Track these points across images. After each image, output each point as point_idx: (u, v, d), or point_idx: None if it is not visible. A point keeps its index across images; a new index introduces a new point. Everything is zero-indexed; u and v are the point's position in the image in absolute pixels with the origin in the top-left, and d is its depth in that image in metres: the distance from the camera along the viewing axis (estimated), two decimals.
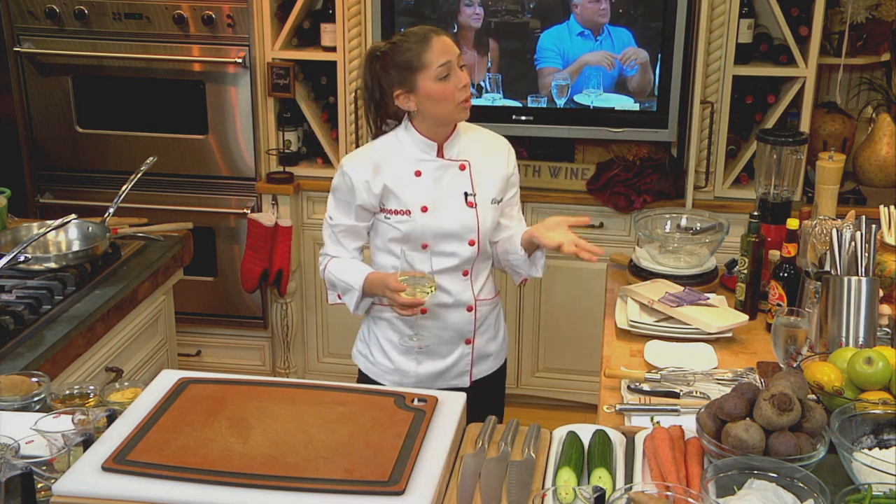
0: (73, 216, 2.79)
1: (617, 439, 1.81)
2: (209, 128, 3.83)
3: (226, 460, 1.63)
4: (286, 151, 3.87)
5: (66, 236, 2.96)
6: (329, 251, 2.47)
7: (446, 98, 2.29)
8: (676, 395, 2.13)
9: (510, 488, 1.66)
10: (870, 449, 1.75)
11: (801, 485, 1.58)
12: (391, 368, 2.50)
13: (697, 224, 2.92)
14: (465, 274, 2.45)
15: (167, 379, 1.93)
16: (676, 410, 2.04)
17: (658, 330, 2.49)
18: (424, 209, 2.36)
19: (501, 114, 3.61)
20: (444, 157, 2.40)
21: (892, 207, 2.59)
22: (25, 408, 1.96)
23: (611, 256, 3.05)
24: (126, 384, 2.01)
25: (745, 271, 2.57)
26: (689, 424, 1.82)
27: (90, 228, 2.94)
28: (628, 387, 2.18)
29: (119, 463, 1.63)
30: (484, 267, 2.50)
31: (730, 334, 2.47)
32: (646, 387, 2.17)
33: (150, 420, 1.76)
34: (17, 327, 2.39)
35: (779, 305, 2.45)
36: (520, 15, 3.54)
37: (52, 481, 1.61)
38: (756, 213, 2.62)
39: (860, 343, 2.11)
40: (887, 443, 1.76)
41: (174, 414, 1.78)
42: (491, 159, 2.46)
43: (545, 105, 3.62)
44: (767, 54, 3.62)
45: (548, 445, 1.80)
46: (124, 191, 3.01)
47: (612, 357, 2.39)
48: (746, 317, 2.51)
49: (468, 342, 2.50)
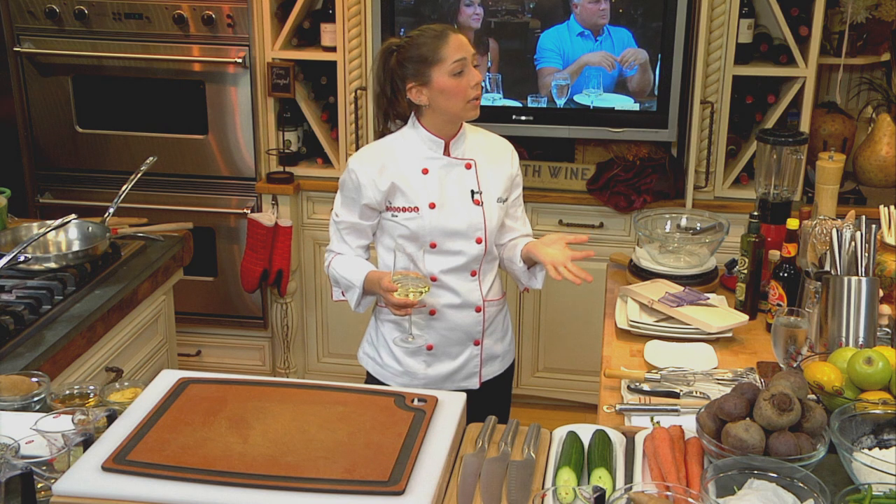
0: (73, 216, 2.79)
1: (617, 439, 1.81)
2: (209, 128, 3.83)
3: (226, 460, 1.63)
4: (286, 151, 3.87)
5: (66, 236, 2.96)
6: (334, 248, 2.49)
7: (459, 94, 2.32)
8: (676, 395, 2.13)
9: (510, 488, 1.66)
10: (870, 449, 1.75)
11: (801, 485, 1.58)
12: (400, 371, 2.51)
13: (697, 224, 2.92)
14: (473, 274, 2.46)
15: (167, 379, 1.93)
16: (676, 410, 2.04)
17: (658, 330, 2.49)
18: (432, 206, 2.38)
19: (501, 114, 3.61)
20: (451, 156, 2.42)
21: (892, 207, 2.59)
22: (25, 408, 1.96)
23: (611, 256, 3.05)
24: (126, 384, 2.01)
25: (745, 271, 2.57)
26: (689, 424, 1.82)
27: (90, 228, 2.94)
28: (628, 387, 2.18)
29: (119, 463, 1.63)
30: (491, 268, 2.51)
31: (730, 334, 2.47)
32: (646, 387, 2.17)
33: (150, 420, 1.76)
34: (17, 327, 2.39)
35: (779, 305, 2.45)
36: (520, 15, 3.54)
37: (52, 481, 1.61)
38: (756, 213, 2.62)
39: (860, 343, 2.11)
40: (887, 443, 1.76)
41: (174, 414, 1.78)
42: (495, 160, 2.48)
43: (545, 105, 3.62)
44: (767, 54, 3.62)
45: (548, 445, 1.80)
46: (124, 191, 3.01)
47: (612, 357, 2.39)
48: (746, 317, 2.51)
49: (477, 343, 2.51)
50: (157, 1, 3.69)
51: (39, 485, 1.63)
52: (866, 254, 2.15)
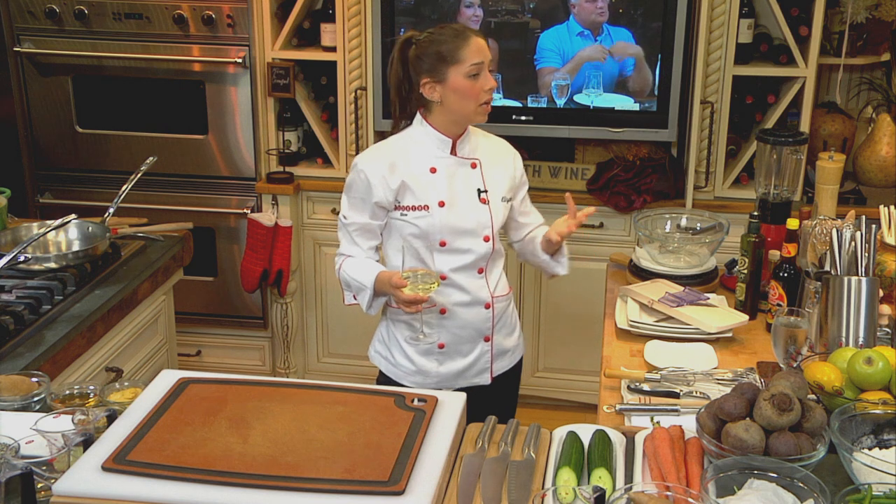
0: (73, 216, 2.79)
1: (617, 439, 1.81)
2: (209, 128, 3.83)
3: (226, 460, 1.63)
4: (286, 151, 3.87)
5: (66, 236, 2.96)
6: (345, 251, 2.49)
7: (472, 96, 2.35)
8: (676, 395, 2.13)
9: (510, 488, 1.66)
10: (870, 449, 1.75)
11: (801, 485, 1.58)
12: (413, 370, 2.52)
13: (697, 224, 2.92)
14: (481, 272, 2.48)
15: (167, 379, 1.93)
16: (676, 410, 2.04)
17: (658, 330, 2.49)
18: (442, 204, 2.40)
19: (501, 114, 3.61)
20: (458, 155, 2.45)
21: (892, 207, 2.59)
22: (25, 408, 1.96)
23: (611, 256, 3.05)
24: (126, 384, 2.01)
25: (745, 271, 2.57)
26: (689, 424, 1.82)
27: (90, 228, 2.94)
28: (628, 387, 2.18)
29: (119, 463, 1.63)
30: (497, 264, 2.54)
31: (730, 334, 2.47)
32: (646, 387, 2.17)
33: (150, 420, 1.76)
34: (17, 327, 2.39)
35: (779, 305, 2.45)
36: (520, 15, 3.54)
37: (52, 481, 1.61)
38: (756, 213, 2.62)
39: (860, 343, 2.11)
40: (887, 443, 1.76)
41: (174, 414, 1.78)
42: (498, 161, 2.52)
43: (545, 105, 3.62)
44: (767, 54, 3.62)
45: (548, 445, 1.80)
46: (124, 191, 3.01)
47: (612, 357, 2.39)
48: (746, 317, 2.51)
49: (487, 339, 2.53)
50: (157, 1, 3.69)
51: (39, 485, 1.63)
52: (866, 254, 2.15)
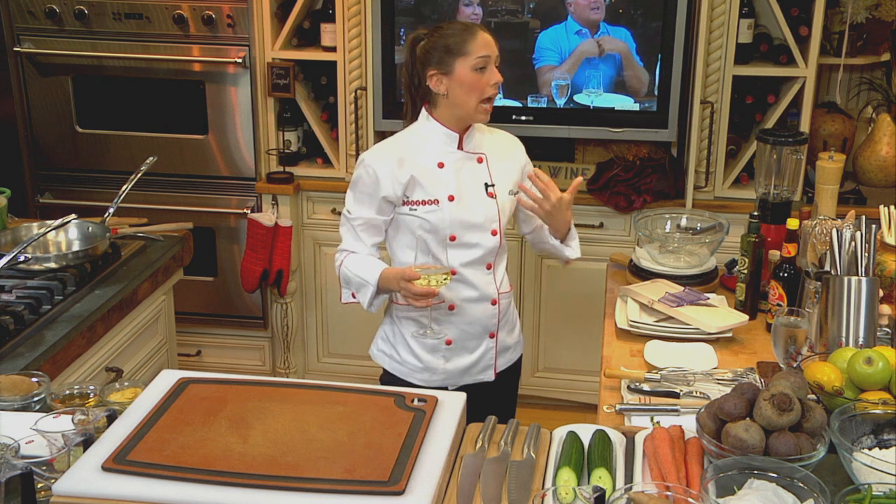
0: (73, 216, 2.79)
1: (617, 439, 1.81)
2: (209, 128, 3.83)
3: (226, 460, 1.63)
4: (286, 151, 3.87)
5: (66, 236, 2.96)
6: (347, 247, 2.49)
7: (477, 89, 2.37)
8: (676, 395, 2.13)
9: (510, 488, 1.66)
10: (870, 449, 1.75)
11: (801, 485, 1.58)
12: (419, 367, 2.53)
13: (697, 224, 2.92)
14: (489, 267, 2.50)
15: (167, 379, 1.93)
16: (676, 410, 2.04)
17: (658, 330, 2.49)
18: (451, 198, 2.41)
19: (501, 114, 3.61)
20: (464, 150, 2.46)
21: (892, 207, 2.59)
22: (25, 408, 1.96)
23: (611, 256, 3.05)
24: (126, 384, 2.01)
25: (745, 271, 2.57)
26: (689, 424, 1.82)
27: (90, 228, 2.94)
28: (628, 387, 2.18)
29: (119, 463, 1.63)
30: (502, 260, 2.56)
31: (730, 334, 2.47)
32: (646, 387, 2.17)
33: (150, 420, 1.76)
34: (17, 327, 2.39)
35: (779, 305, 2.45)
36: (519, 15, 3.54)
37: (52, 481, 1.61)
38: (756, 213, 2.62)
39: (860, 343, 2.11)
40: (887, 443, 1.76)
41: (174, 414, 1.78)
42: (504, 154, 2.54)
43: (545, 105, 3.62)
44: (767, 54, 3.62)
45: (548, 445, 1.80)
46: (124, 191, 3.01)
47: (612, 357, 2.39)
48: (746, 317, 2.51)
49: (492, 336, 2.54)
50: (157, 1, 3.69)
51: (39, 485, 1.63)
52: (866, 254, 2.15)
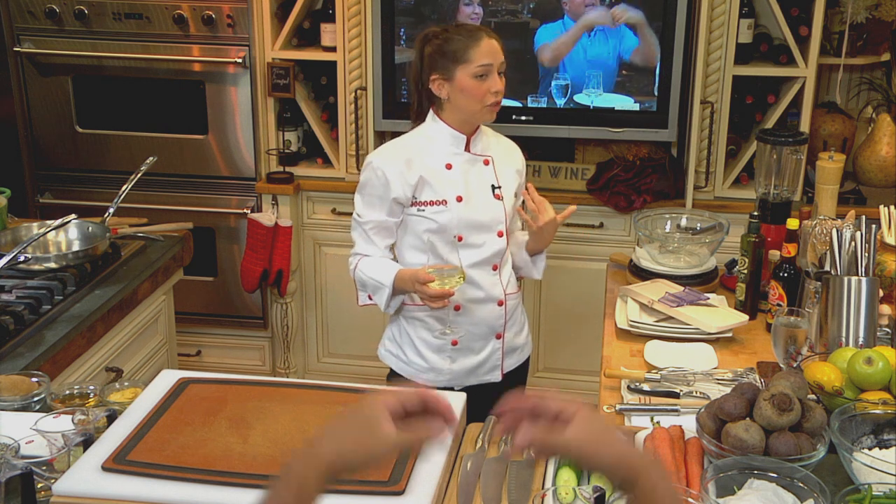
0: (73, 216, 2.79)
1: None
2: (209, 128, 3.83)
3: (226, 460, 1.63)
4: (286, 151, 3.87)
5: (66, 236, 2.96)
6: (360, 250, 2.49)
7: (477, 96, 2.37)
8: (676, 395, 2.12)
9: (510, 488, 1.66)
10: (870, 449, 1.75)
11: (801, 485, 1.58)
12: (425, 367, 2.53)
13: (697, 224, 2.92)
14: (495, 268, 2.51)
15: (167, 379, 1.93)
16: (676, 410, 2.04)
17: (658, 330, 2.49)
18: (459, 199, 2.43)
19: (501, 114, 3.53)
20: (471, 152, 2.48)
21: (892, 207, 2.59)
22: (25, 408, 1.96)
23: (611, 256, 3.05)
24: (126, 384, 2.01)
25: (745, 271, 2.57)
26: (689, 424, 1.82)
27: (90, 228, 2.94)
28: (628, 387, 2.18)
29: (119, 463, 1.63)
30: (507, 260, 2.56)
31: (730, 334, 2.47)
32: (646, 387, 2.17)
33: (150, 420, 1.76)
34: (17, 327, 2.39)
35: (779, 305, 2.45)
36: (519, 15, 3.54)
37: (52, 481, 1.61)
38: (756, 213, 2.62)
39: (860, 343, 2.11)
40: (887, 443, 1.76)
41: (174, 414, 1.78)
42: (508, 159, 2.56)
43: (545, 105, 3.61)
44: (767, 54, 3.62)
45: None
46: (124, 191, 3.01)
47: (612, 357, 2.39)
48: (746, 317, 2.51)
49: (499, 337, 2.55)
50: (157, 1, 3.69)
51: (39, 485, 1.63)
52: (866, 254, 2.15)
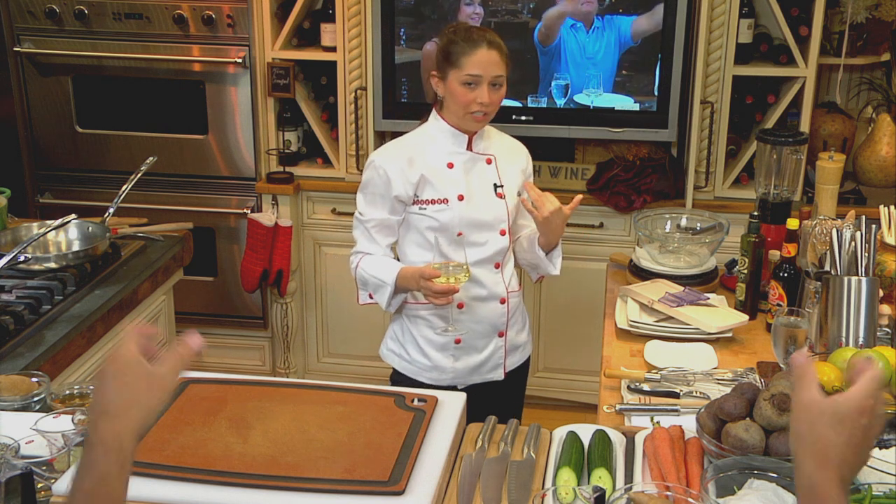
0: (73, 216, 2.79)
1: (617, 439, 1.81)
2: (209, 128, 3.83)
3: (226, 460, 1.63)
4: (286, 151, 3.87)
5: (66, 236, 2.96)
6: (362, 248, 2.49)
7: (462, 103, 2.39)
8: (676, 395, 2.12)
9: (510, 488, 1.66)
10: None
11: None
12: (428, 366, 2.53)
13: (697, 224, 2.92)
14: (497, 266, 2.51)
15: None
16: (676, 410, 2.04)
17: (658, 330, 2.49)
18: (461, 198, 2.43)
19: (501, 114, 3.54)
20: (473, 151, 2.48)
21: (892, 207, 2.59)
22: (25, 408, 1.96)
23: (611, 256, 3.05)
24: None
25: (745, 271, 2.57)
26: (689, 424, 1.82)
27: (90, 228, 2.94)
28: (628, 387, 2.18)
29: None
30: (510, 258, 2.56)
31: (730, 334, 2.47)
32: (646, 387, 2.17)
33: None
34: (17, 327, 2.39)
35: (779, 305, 2.45)
36: (520, 15, 3.54)
37: (52, 481, 1.61)
38: (756, 213, 2.62)
39: (860, 343, 2.11)
40: (887, 443, 1.76)
41: (174, 414, 1.78)
42: (512, 159, 2.56)
43: (545, 105, 3.61)
44: (767, 54, 3.62)
45: (548, 445, 1.80)
46: (124, 191, 3.01)
47: (612, 357, 2.39)
48: (746, 317, 2.51)
49: (501, 335, 2.55)
50: (157, 1, 3.69)
51: (39, 485, 1.63)
52: (866, 254, 2.15)
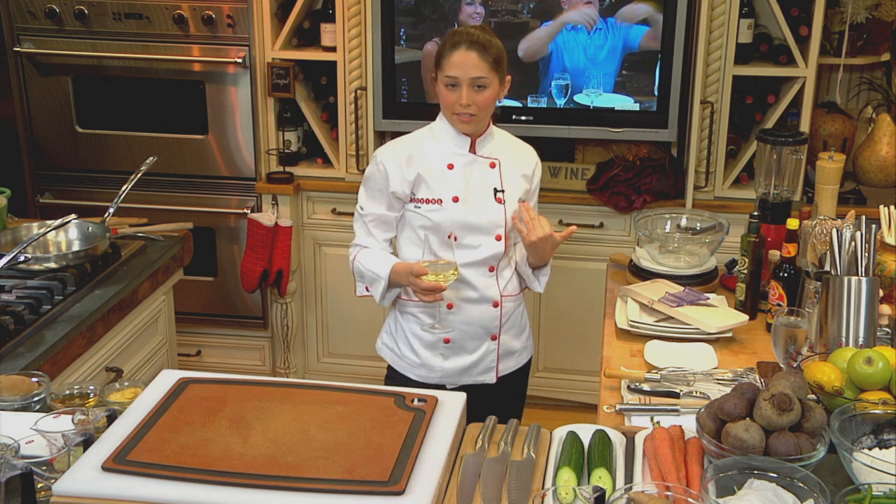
0: (73, 216, 2.79)
1: (617, 439, 1.81)
2: (209, 128, 3.83)
3: (226, 460, 1.63)
4: (286, 151, 3.87)
5: (66, 236, 2.96)
6: (360, 242, 2.51)
7: (446, 104, 2.42)
8: (676, 395, 2.13)
9: (510, 488, 1.66)
10: (870, 449, 1.75)
11: (801, 485, 1.58)
12: (417, 363, 2.54)
13: (697, 224, 2.92)
14: (492, 270, 2.50)
15: (167, 379, 1.93)
16: (676, 410, 2.04)
17: (658, 330, 2.49)
18: (455, 199, 2.43)
19: (502, 113, 3.61)
20: (477, 153, 2.47)
21: (892, 207, 2.59)
22: (25, 408, 1.96)
23: (611, 256, 3.05)
24: (126, 384, 2.01)
25: (745, 271, 2.57)
26: (689, 424, 1.82)
27: (90, 228, 2.94)
28: (628, 387, 2.18)
29: (119, 463, 1.63)
30: (508, 264, 2.55)
31: (730, 334, 2.47)
32: (646, 387, 2.17)
33: (150, 420, 1.76)
34: (17, 327, 2.39)
35: (779, 305, 2.45)
36: (520, 15, 3.54)
37: (52, 481, 1.61)
38: (756, 213, 2.62)
39: (860, 343, 2.11)
40: (887, 443, 1.76)
41: (174, 414, 1.78)
42: (519, 165, 2.55)
43: (545, 105, 3.62)
44: (767, 54, 3.62)
45: (548, 445, 1.80)
46: (124, 191, 3.01)
47: (612, 357, 2.39)
48: (746, 317, 2.51)
49: (494, 338, 2.54)
50: (157, 1, 3.69)
51: (39, 485, 1.63)
52: (866, 254, 2.15)
